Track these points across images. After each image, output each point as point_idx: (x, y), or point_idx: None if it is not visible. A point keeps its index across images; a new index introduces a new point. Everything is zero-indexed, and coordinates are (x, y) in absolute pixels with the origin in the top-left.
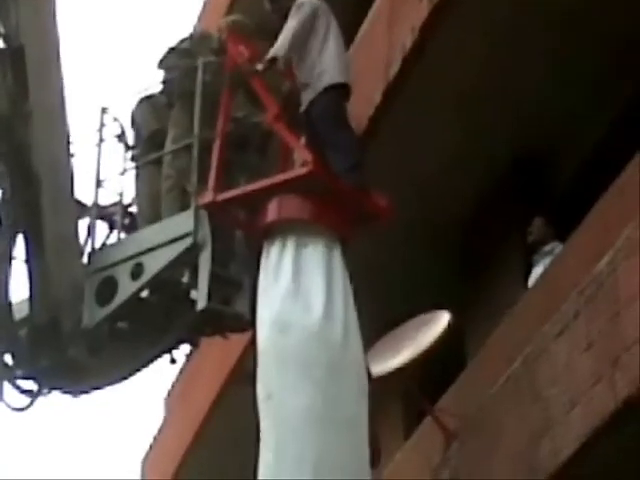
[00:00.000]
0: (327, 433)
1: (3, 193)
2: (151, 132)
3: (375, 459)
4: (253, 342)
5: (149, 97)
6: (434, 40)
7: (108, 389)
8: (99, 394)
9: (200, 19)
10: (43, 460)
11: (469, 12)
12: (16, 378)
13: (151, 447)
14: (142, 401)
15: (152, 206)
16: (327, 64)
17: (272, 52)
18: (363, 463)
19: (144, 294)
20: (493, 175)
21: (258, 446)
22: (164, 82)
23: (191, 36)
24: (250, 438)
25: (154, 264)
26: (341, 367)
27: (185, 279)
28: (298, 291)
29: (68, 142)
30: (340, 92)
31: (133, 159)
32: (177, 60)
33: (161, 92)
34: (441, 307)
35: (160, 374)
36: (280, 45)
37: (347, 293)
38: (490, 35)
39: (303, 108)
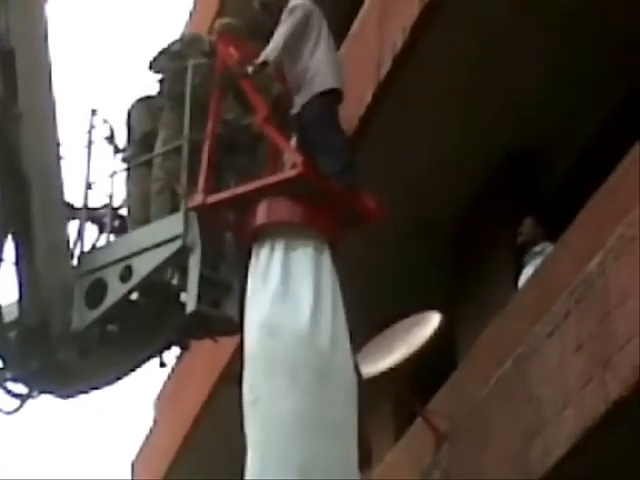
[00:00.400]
0: (315, 437)
1: None
2: (144, 133)
3: (366, 461)
4: (243, 345)
5: (146, 98)
6: (425, 39)
7: (98, 391)
8: (90, 395)
9: (190, 21)
10: (34, 461)
11: (460, 11)
12: (5, 381)
13: (142, 448)
14: (132, 402)
15: (142, 208)
16: (319, 68)
17: (263, 56)
18: (351, 467)
19: (134, 296)
20: (484, 175)
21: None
22: (161, 82)
23: (182, 38)
24: (240, 440)
25: (143, 266)
26: (329, 371)
27: (175, 281)
28: (286, 294)
29: (58, 144)
30: (333, 97)
31: (124, 160)
32: (167, 62)
33: (158, 93)
34: (432, 308)
35: (150, 375)
36: (271, 49)
37: (336, 296)
38: (481, 34)
39: (295, 111)
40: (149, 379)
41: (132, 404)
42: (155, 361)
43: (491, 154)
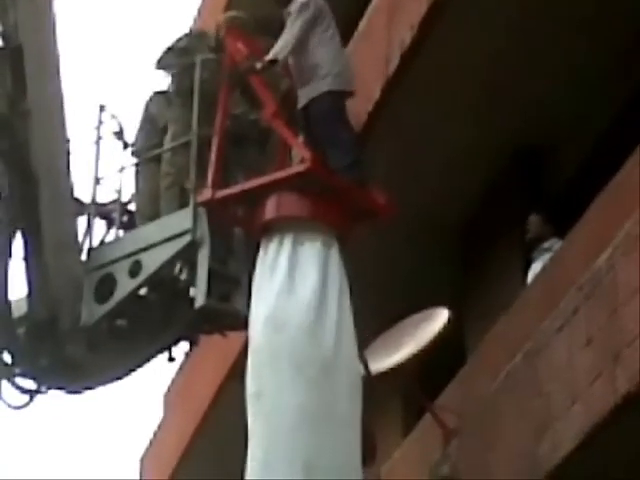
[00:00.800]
0: (319, 432)
1: (1, 191)
2: (167, 123)
3: (370, 456)
4: None
5: (162, 92)
6: (433, 36)
7: (107, 387)
8: (98, 392)
9: (199, 16)
10: (41, 459)
11: (467, 8)
12: (15, 376)
13: (150, 445)
14: (141, 399)
15: (151, 203)
16: (332, 66)
17: (272, 54)
18: (355, 462)
19: (143, 292)
20: (492, 173)
21: None
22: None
23: (187, 34)
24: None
25: (152, 262)
26: (334, 365)
27: (184, 276)
28: (292, 288)
29: (66, 140)
30: (343, 94)
31: (134, 154)
32: (175, 59)
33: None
34: (440, 303)
35: (159, 371)
36: (281, 47)
37: (342, 291)
38: (489, 31)
39: (301, 105)
40: (158, 374)
41: (140, 400)
42: (164, 356)
43: (499, 152)
